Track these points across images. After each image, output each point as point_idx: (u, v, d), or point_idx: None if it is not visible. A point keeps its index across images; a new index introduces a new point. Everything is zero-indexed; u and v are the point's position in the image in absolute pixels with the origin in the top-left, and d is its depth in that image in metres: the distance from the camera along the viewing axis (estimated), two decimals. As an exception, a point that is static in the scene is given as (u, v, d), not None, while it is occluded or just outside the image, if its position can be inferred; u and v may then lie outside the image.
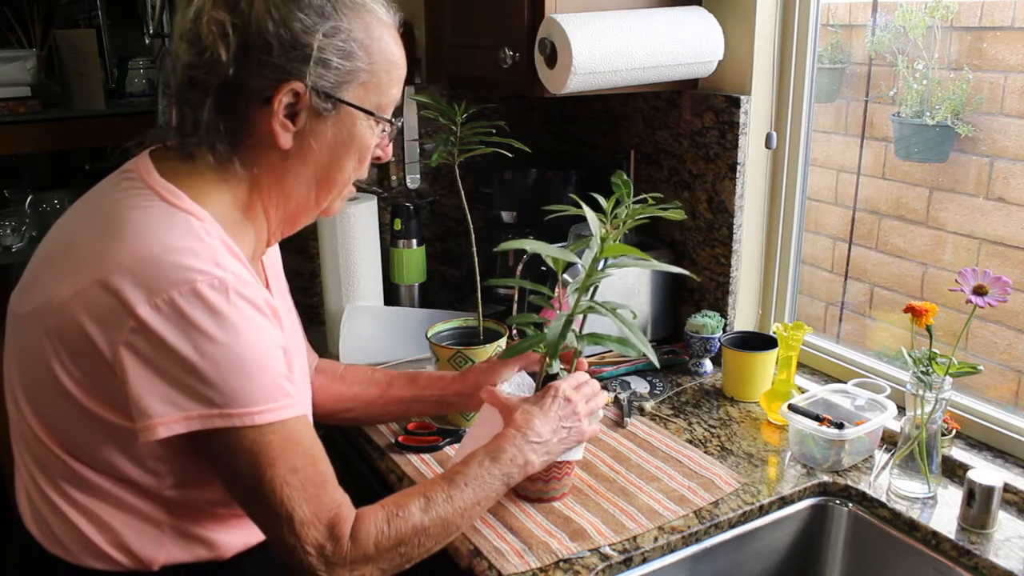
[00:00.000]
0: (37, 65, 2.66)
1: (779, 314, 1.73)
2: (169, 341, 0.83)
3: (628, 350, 1.10)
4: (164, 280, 0.84)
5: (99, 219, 0.92)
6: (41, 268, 0.94)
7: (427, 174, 2.03)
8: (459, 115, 1.41)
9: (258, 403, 0.87)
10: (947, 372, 1.20)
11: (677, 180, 1.77)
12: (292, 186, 0.98)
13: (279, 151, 0.94)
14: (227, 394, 0.85)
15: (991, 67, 1.55)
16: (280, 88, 0.91)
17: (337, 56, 0.92)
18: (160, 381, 0.84)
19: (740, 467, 1.34)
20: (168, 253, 0.85)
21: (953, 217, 1.66)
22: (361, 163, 1.01)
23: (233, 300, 0.86)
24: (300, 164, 0.97)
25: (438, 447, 1.39)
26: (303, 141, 0.95)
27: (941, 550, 1.18)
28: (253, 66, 0.90)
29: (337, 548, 0.91)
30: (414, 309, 1.89)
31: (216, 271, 0.86)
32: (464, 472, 1.04)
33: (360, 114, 0.97)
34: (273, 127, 0.92)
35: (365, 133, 0.98)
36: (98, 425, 0.89)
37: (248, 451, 0.88)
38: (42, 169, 3.27)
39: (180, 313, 0.83)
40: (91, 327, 0.85)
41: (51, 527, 0.95)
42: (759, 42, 1.59)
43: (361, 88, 0.96)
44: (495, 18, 1.63)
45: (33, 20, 2.82)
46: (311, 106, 0.93)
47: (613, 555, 1.13)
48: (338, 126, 0.96)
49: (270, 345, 0.90)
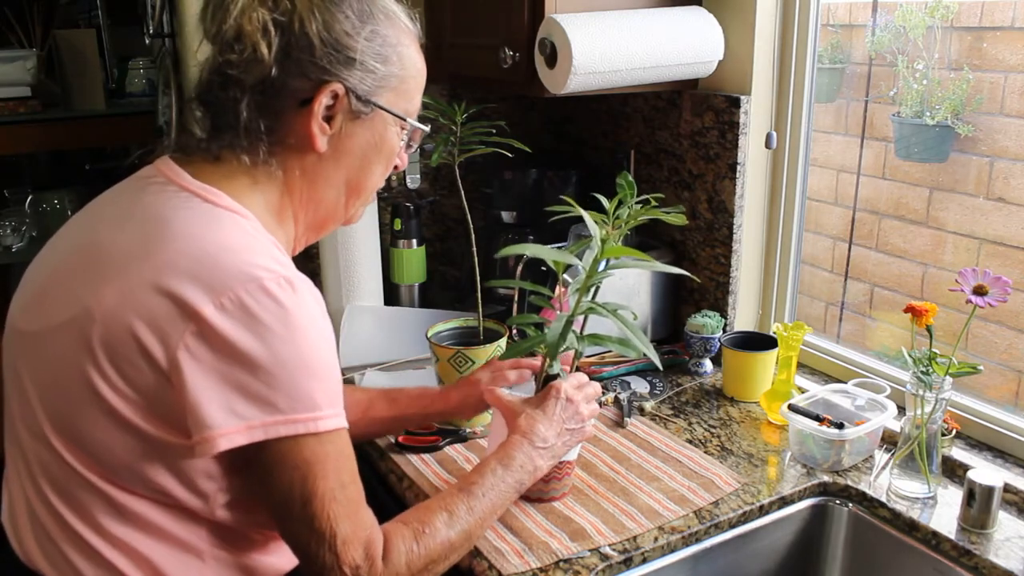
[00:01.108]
0: (37, 65, 2.66)
1: (779, 314, 1.73)
2: (236, 342, 0.79)
3: (628, 350, 1.10)
4: (228, 278, 0.81)
5: (135, 223, 0.88)
6: (63, 279, 0.89)
7: (427, 174, 2.03)
8: (459, 115, 1.41)
9: (323, 407, 0.84)
10: (947, 372, 1.20)
11: (677, 180, 1.77)
12: (323, 190, 0.97)
13: (314, 154, 0.94)
14: (294, 398, 0.82)
15: (991, 67, 1.55)
16: (321, 89, 0.90)
17: (375, 60, 0.93)
18: (223, 388, 0.80)
19: (740, 467, 1.34)
20: (226, 252, 0.83)
21: (953, 217, 1.66)
22: (387, 168, 1.01)
23: (302, 298, 0.83)
24: (333, 168, 0.96)
25: (438, 447, 1.39)
26: (338, 144, 0.94)
27: (941, 550, 1.18)
28: (294, 66, 0.89)
29: (372, 570, 0.88)
30: (414, 309, 1.90)
31: (280, 268, 0.84)
32: (480, 483, 1.04)
33: (391, 119, 0.97)
34: (311, 129, 0.91)
35: (394, 139, 0.99)
36: (145, 443, 0.84)
37: (305, 462, 0.84)
38: (42, 169, 3.27)
39: (249, 312, 0.80)
40: (144, 333, 0.80)
41: (71, 561, 0.88)
42: (759, 42, 1.59)
43: (393, 94, 0.96)
44: (495, 18, 1.63)
45: (33, 20, 2.82)
46: (349, 109, 0.93)
47: (613, 555, 1.13)
48: (371, 131, 0.96)
49: (333, 348, 0.88)
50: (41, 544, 0.90)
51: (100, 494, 0.86)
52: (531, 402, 1.15)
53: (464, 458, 1.36)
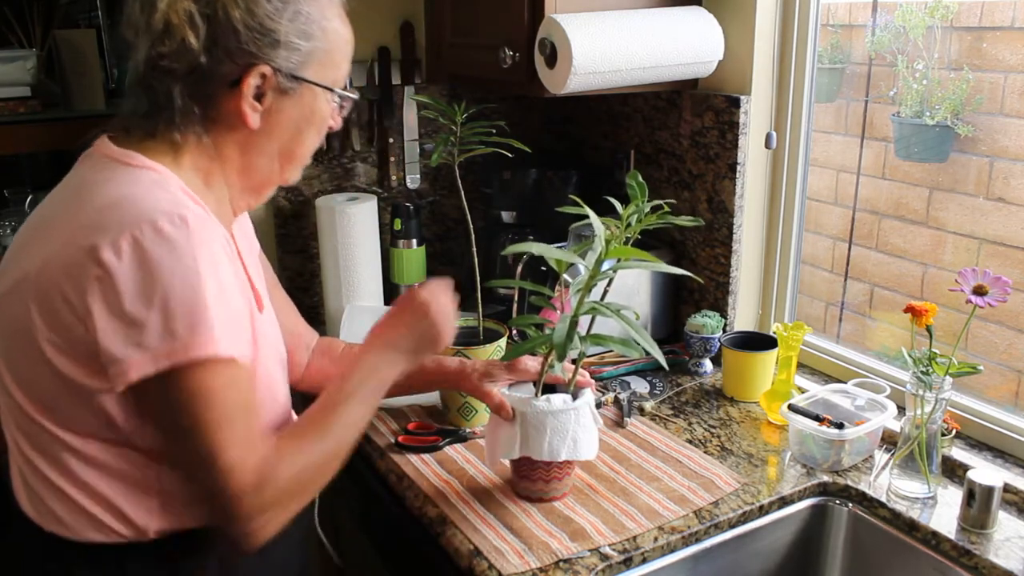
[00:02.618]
0: (37, 65, 2.66)
1: (779, 314, 1.73)
2: (131, 280, 0.85)
3: (630, 350, 1.10)
4: (125, 223, 0.87)
5: (66, 192, 0.97)
6: (15, 252, 0.98)
7: (427, 174, 2.03)
8: (459, 115, 1.41)
9: (214, 337, 0.87)
10: (947, 372, 1.20)
11: (677, 180, 1.77)
12: (257, 160, 1.03)
13: (247, 129, 0.99)
14: (187, 328, 0.86)
15: (991, 67, 1.55)
16: (249, 71, 0.95)
17: (300, 38, 0.98)
18: (125, 323, 0.85)
19: (740, 467, 1.34)
20: (127, 200, 0.89)
21: (953, 217, 1.66)
22: (320, 135, 1.07)
23: (193, 233, 0.88)
24: (266, 140, 1.01)
25: (438, 447, 1.39)
26: (269, 119, 1.00)
27: (941, 550, 1.18)
28: (222, 52, 0.94)
29: (258, 492, 0.91)
30: (414, 309, 1.89)
31: (174, 208, 0.89)
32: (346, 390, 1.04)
33: (320, 90, 1.02)
34: (243, 108, 0.97)
35: (324, 107, 1.04)
36: (79, 389, 0.90)
37: (194, 389, 0.88)
38: (42, 169, 3.27)
39: (142, 250, 0.85)
40: (66, 286, 0.87)
41: (48, 504, 0.96)
42: (759, 42, 1.59)
43: (319, 66, 1.01)
44: (495, 18, 1.63)
45: (33, 20, 2.82)
46: (277, 86, 0.98)
47: (613, 555, 1.13)
48: (301, 103, 1.01)
49: (229, 280, 0.92)
50: (27, 491, 0.99)
51: (57, 439, 0.94)
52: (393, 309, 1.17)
53: (464, 458, 1.36)
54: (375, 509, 1.45)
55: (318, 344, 1.37)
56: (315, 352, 1.36)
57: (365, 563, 1.55)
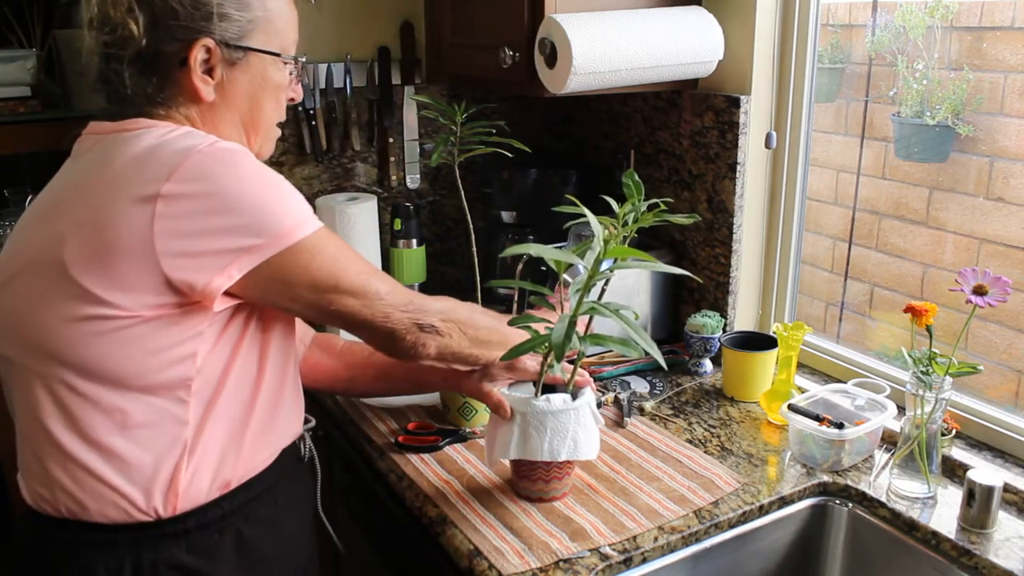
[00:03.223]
0: (37, 65, 2.66)
1: (779, 314, 1.73)
2: (196, 197, 0.90)
3: (629, 350, 1.10)
4: (170, 162, 0.91)
5: (80, 165, 1.00)
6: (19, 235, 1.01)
7: (427, 174, 2.03)
8: (459, 115, 1.41)
9: (300, 216, 0.97)
10: (947, 372, 1.20)
11: (677, 180, 1.77)
12: (224, 131, 1.06)
13: (204, 103, 1.03)
14: (272, 219, 0.93)
15: (991, 67, 1.55)
16: (192, 47, 1.00)
17: (235, 9, 1.02)
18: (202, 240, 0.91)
19: (740, 467, 1.34)
20: (162, 146, 0.94)
21: (953, 217, 1.66)
22: (279, 103, 1.11)
23: (237, 149, 0.95)
24: (226, 111, 1.06)
25: (438, 447, 1.39)
26: (223, 91, 1.04)
27: (941, 550, 1.18)
28: (163, 33, 0.99)
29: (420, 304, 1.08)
30: (414, 309, 1.89)
31: (205, 140, 0.95)
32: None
33: (269, 57, 1.06)
34: (195, 83, 1.01)
35: (276, 75, 1.08)
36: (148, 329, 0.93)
37: (311, 261, 0.97)
38: (42, 169, 3.26)
39: (196, 173, 0.91)
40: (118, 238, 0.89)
41: (67, 487, 0.97)
42: (759, 42, 1.59)
43: (263, 34, 1.05)
44: (495, 18, 1.63)
45: (33, 20, 2.82)
46: (224, 58, 1.02)
47: (613, 555, 1.13)
48: (251, 72, 1.05)
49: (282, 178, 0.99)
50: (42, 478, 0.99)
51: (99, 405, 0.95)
52: None
53: (464, 458, 1.36)
54: (375, 509, 1.45)
55: (314, 339, 1.38)
56: (311, 346, 1.37)
57: (365, 563, 1.55)
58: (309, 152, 1.88)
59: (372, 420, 1.49)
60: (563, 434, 1.17)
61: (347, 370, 1.37)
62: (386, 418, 1.50)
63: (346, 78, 1.87)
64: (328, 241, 1.01)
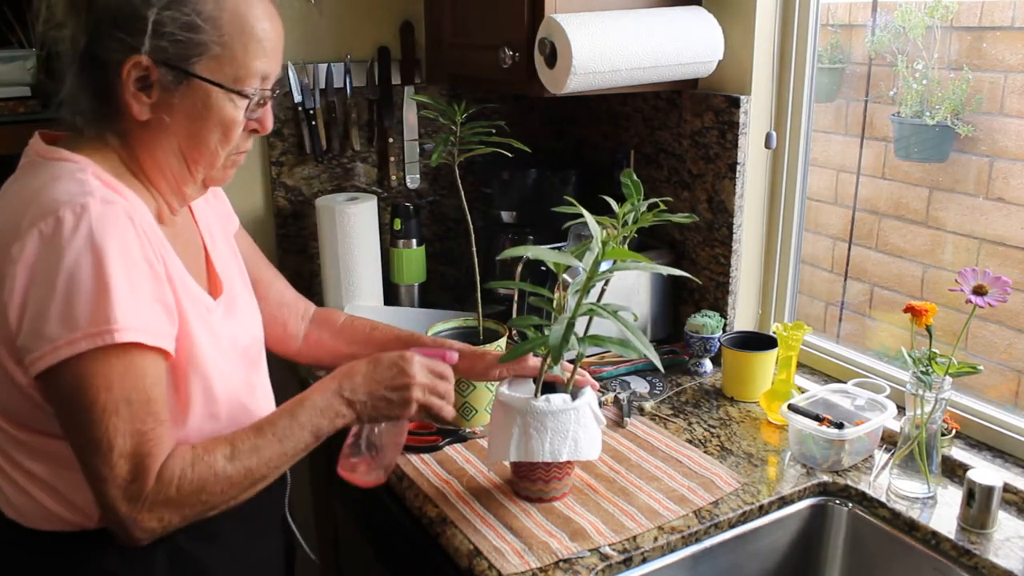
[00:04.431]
0: (37, 65, 2.66)
1: (779, 314, 1.73)
2: (35, 274, 0.87)
3: (628, 351, 1.10)
4: (33, 217, 0.88)
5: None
6: None
7: (427, 174, 2.03)
8: (459, 115, 1.41)
9: (117, 322, 0.87)
10: (947, 372, 1.20)
11: (677, 180, 1.77)
12: (161, 157, 1.00)
13: (140, 123, 0.97)
14: (89, 314, 0.87)
15: (991, 67, 1.55)
16: (126, 62, 0.93)
17: (179, 29, 0.93)
18: (34, 314, 0.87)
19: (740, 467, 1.34)
20: (38, 195, 0.90)
21: (953, 217, 1.66)
22: (227, 136, 1.00)
23: (97, 223, 0.88)
24: (162, 136, 0.98)
25: (438, 447, 1.39)
26: (159, 114, 0.96)
27: (941, 550, 1.18)
28: (104, 40, 0.93)
29: (142, 485, 0.91)
30: (414, 309, 1.90)
31: (79, 199, 0.89)
32: (274, 423, 1.02)
33: (219, 88, 0.96)
34: (128, 100, 0.95)
35: (224, 106, 0.98)
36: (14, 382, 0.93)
37: (91, 374, 0.88)
38: (42, 169, 3.26)
39: (42, 244, 0.87)
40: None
41: (5, 494, 1.00)
42: (759, 42, 1.59)
43: (214, 61, 0.95)
44: (495, 18, 1.63)
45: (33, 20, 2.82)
46: (161, 79, 0.94)
47: (613, 555, 1.13)
48: (191, 99, 0.96)
49: (135, 265, 0.91)
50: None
51: (8, 435, 0.97)
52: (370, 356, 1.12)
53: (464, 458, 1.36)
54: (374, 509, 1.45)
55: (316, 314, 1.38)
56: (313, 323, 1.37)
57: (365, 563, 1.55)
58: (309, 152, 1.88)
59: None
60: (564, 434, 1.17)
61: (348, 346, 1.36)
62: (386, 418, 1.50)
63: (346, 78, 1.88)
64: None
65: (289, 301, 1.35)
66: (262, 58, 0.98)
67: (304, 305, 1.38)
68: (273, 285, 1.33)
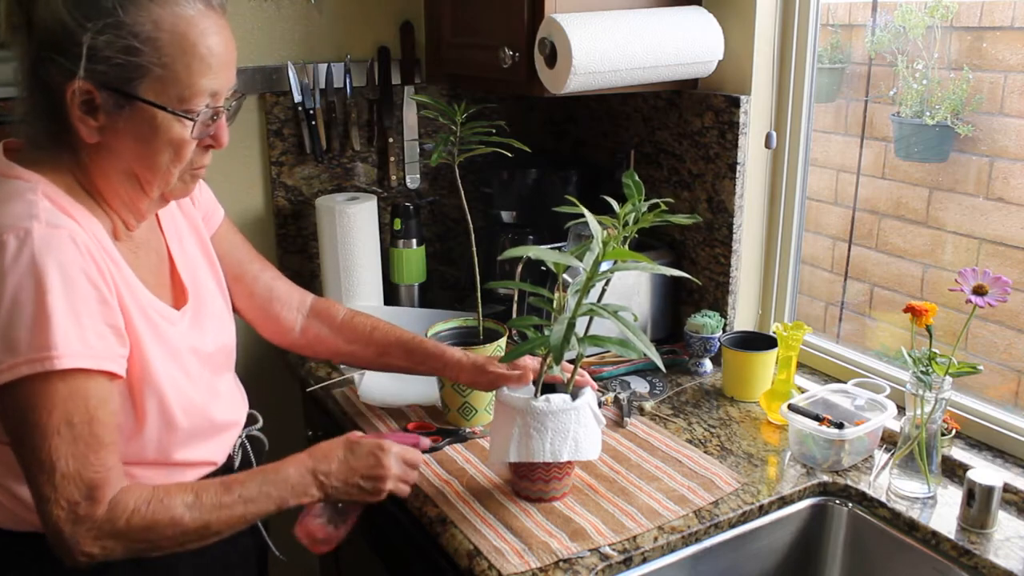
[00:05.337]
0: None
1: (779, 314, 1.73)
2: None
3: (629, 351, 1.10)
4: None
5: None
6: None
7: (427, 174, 2.03)
8: (459, 115, 1.41)
9: (58, 348, 0.88)
10: (947, 372, 1.20)
11: (677, 180, 1.77)
12: (112, 176, 1.00)
13: (91, 144, 0.96)
14: (30, 339, 0.87)
15: (991, 67, 1.55)
16: (68, 85, 0.92)
17: (117, 52, 0.91)
18: None
19: (740, 467, 1.34)
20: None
21: (953, 217, 1.66)
22: (178, 155, 0.99)
23: (41, 246, 0.89)
24: (112, 157, 0.98)
25: (438, 447, 1.39)
26: (107, 136, 0.96)
27: (941, 550, 1.18)
28: (45, 64, 0.93)
29: (91, 509, 0.92)
30: (414, 309, 1.90)
31: (23, 222, 0.89)
32: (243, 484, 1.02)
33: (159, 110, 0.95)
34: (75, 123, 0.94)
35: (172, 127, 0.96)
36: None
37: (35, 397, 0.89)
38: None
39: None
40: None
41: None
42: (759, 42, 1.59)
43: (157, 83, 0.94)
44: (495, 18, 1.63)
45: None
46: (104, 102, 0.93)
47: (613, 555, 1.13)
48: (136, 122, 0.95)
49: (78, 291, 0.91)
50: None
51: None
52: (350, 437, 1.13)
53: (464, 458, 1.36)
54: (374, 509, 1.44)
55: (314, 305, 1.38)
56: (311, 315, 1.37)
57: (365, 563, 1.55)
58: (309, 152, 1.88)
59: (372, 420, 1.49)
60: (564, 434, 1.17)
61: (348, 345, 1.37)
62: (386, 418, 1.50)
63: (346, 78, 1.88)
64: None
65: (280, 295, 1.34)
66: (208, 76, 0.96)
67: (300, 296, 1.37)
68: (260, 280, 1.31)
